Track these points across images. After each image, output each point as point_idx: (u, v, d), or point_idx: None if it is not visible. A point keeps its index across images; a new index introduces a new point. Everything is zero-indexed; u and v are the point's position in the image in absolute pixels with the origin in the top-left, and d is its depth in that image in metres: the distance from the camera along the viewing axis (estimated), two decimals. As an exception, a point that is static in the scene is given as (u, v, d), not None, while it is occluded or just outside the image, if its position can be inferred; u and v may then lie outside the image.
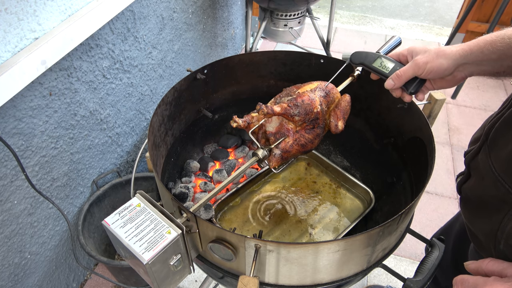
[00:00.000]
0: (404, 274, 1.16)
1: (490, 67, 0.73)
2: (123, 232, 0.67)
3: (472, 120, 2.61)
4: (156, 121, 0.96)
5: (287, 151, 0.86)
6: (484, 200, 0.75)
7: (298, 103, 0.83)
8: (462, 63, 0.75)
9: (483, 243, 0.77)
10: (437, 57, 0.76)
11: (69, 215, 1.49)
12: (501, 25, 2.95)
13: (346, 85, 0.97)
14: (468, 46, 0.74)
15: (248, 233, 1.09)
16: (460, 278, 0.63)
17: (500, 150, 0.69)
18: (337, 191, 1.21)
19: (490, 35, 0.71)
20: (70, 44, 1.15)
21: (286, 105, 0.82)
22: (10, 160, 1.11)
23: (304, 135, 0.86)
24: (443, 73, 0.78)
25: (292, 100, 0.84)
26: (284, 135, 0.85)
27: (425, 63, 0.77)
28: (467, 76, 0.78)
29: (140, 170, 1.91)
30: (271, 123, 0.86)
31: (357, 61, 0.92)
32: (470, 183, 0.81)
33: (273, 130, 0.85)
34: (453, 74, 0.78)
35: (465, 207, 0.85)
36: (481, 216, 0.76)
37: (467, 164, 0.82)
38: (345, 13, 3.87)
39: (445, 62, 0.75)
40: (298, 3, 2.12)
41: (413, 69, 0.79)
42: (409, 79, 0.82)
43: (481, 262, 0.65)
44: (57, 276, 1.51)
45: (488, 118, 0.81)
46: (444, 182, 2.19)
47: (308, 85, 0.92)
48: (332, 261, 0.74)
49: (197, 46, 2.19)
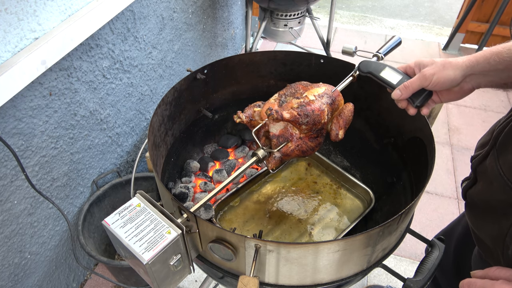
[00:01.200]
0: (404, 274, 1.16)
1: (497, 77, 0.73)
2: (123, 232, 0.67)
3: (472, 120, 2.61)
4: (156, 121, 0.96)
5: (287, 155, 0.86)
6: (491, 205, 0.75)
7: (308, 113, 0.82)
8: (469, 74, 0.75)
9: (490, 248, 0.77)
10: (443, 68, 0.76)
11: (69, 215, 1.49)
12: (501, 25, 2.95)
13: (346, 85, 0.97)
14: (474, 57, 0.74)
15: (248, 233, 1.09)
16: (467, 281, 0.63)
17: (509, 154, 0.69)
18: (338, 192, 1.21)
19: (497, 46, 0.72)
20: (70, 44, 1.15)
21: (296, 113, 0.81)
22: (10, 160, 1.11)
23: (307, 142, 0.86)
24: (450, 84, 0.77)
25: (303, 109, 0.82)
26: (287, 140, 0.85)
27: (432, 74, 0.77)
28: (475, 87, 0.78)
29: (140, 170, 1.91)
30: (275, 125, 0.86)
31: (365, 70, 0.93)
32: (477, 188, 0.81)
33: (276, 132, 0.84)
34: (460, 85, 0.78)
35: (471, 212, 0.85)
36: (489, 221, 0.76)
37: (474, 168, 0.82)
38: (345, 13, 3.87)
39: (452, 73, 0.76)
40: (298, 3, 2.12)
41: (420, 80, 0.79)
42: (416, 91, 0.82)
43: (488, 270, 0.65)
44: (57, 276, 1.51)
45: (496, 123, 0.82)
46: (444, 182, 2.19)
47: (315, 88, 0.89)
48: (332, 261, 0.74)
49: (197, 46, 2.19)
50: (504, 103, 2.75)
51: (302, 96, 0.87)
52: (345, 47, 1.06)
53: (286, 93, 0.90)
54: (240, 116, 0.83)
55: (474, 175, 0.83)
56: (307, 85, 0.92)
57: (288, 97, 0.89)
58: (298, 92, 0.90)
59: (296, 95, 0.89)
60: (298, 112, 0.81)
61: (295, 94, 0.89)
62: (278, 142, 0.84)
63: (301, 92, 0.89)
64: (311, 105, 0.83)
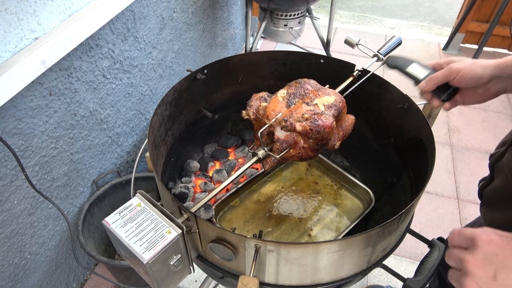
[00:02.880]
0: (404, 274, 1.16)
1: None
2: (123, 232, 0.67)
3: (472, 120, 2.61)
4: (156, 121, 0.96)
5: (285, 158, 0.87)
6: (507, 199, 0.75)
7: (320, 130, 0.82)
8: (498, 76, 0.75)
9: None
10: (472, 65, 0.77)
11: (69, 215, 1.49)
12: (501, 25, 2.95)
13: (346, 85, 0.97)
14: (504, 60, 0.74)
15: (248, 233, 1.09)
16: (457, 230, 0.63)
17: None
18: (338, 192, 1.21)
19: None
20: (70, 44, 1.15)
21: (308, 128, 0.81)
22: (10, 160, 1.11)
23: (308, 152, 0.87)
24: (476, 82, 0.77)
25: (315, 124, 0.82)
26: (290, 146, 0.85)
27: (459, 69, 0.78)
28: (501, 92, 0.78)
29: (140, 170, 1.91)
30: (283, 132, 0.85)
31: (392, 64, 0.94)
32: (493, 185, 0.81)
33: (281, 137, 0.84)
34: (487, 86, 0.78)
35: (487, 210, 0.85)
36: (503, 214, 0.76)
37: (492, 166, 0.83)
38: (345, 13, 3.87)
39: (480, 71, 0.76)
40: (298, 3, 2.12)
41: (446, 74, 0.80)
42: (441, 83, 0.82)
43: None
44: (57, 276, 1.51)
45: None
46: (444, 182, 2.19)
47: (325, 96, 0.88)
48: (332, 261, 0.74)
49: (197, 46, 2.19)
50: (504, 103, 2.75)
51: (312, 102, 0.87)
52: (349, 37, 1.06)
53: (295, 93, 0.89)
54: (249, 114, 0.83)
55: (491, 173, 0.83)
56: (317, 88, 0.90)
57: (297, 99, 0.88)
58: (307, 96, 0.88)
59: (305, 99, 0.88)
60: (311, 127, 0.81)
61: (304, 97, 0.88)
62: (281, 147, 0.85)
63: (311, 97, 0.88)
64: (323, 121, 0.83)
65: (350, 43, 1.06)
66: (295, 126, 0.80)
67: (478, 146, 2.42)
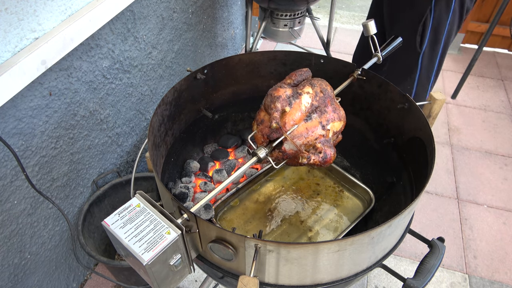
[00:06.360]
0: (404, 274, 1.16)
1: None
2: (123, 233, 0.67)
3: (472, 120, 2.61)
4: (156, 121, 0.96)
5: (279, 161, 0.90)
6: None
7: (326, 161, 0.87)
8: None
9: None
10: None
11: (69, 215, 1.49)
12: (501, 25, 2.95)
13: (346, 86, 0.97)
14: None
15: (248, 233, 1.09)
16: None
17: None
18: (339, 194, 1.21)
19: None
20: (70, 44, 1.15)
21: (318, 162, 0.86)
22: (10, 160, 1.11)
23: (299, 163, 0.89)
24: None
25: (323, 161, 0.86)
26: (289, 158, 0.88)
27: None
28: None
29: (140, 170, 1.91)
30: (291, 145, 0.87)
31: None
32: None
33: (288, 150, 0.86)
34: None
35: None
36: None
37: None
38: (345, 13, 3.87)
39: None
40: (298, 3, 2.12)
41: None
42: None
43: None
44: (57, 276, 1.51)
45: None
46: (444, 182, 2.19)
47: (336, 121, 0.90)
48: (332, 261, 0.74)
49: (197, 46, 2.19)
50: (504, 103, 2.75)
51: (326, 126, 0.88)
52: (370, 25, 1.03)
53: (317, 107, 0.88)
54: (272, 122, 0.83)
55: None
56: (332, 102, 0.90)
57: (316, 115, 0.88)
58: (324, 115, 0.88)
59: (322, 118, 0.88)
60: (319, 162, 0.86)
61: (321, 116, 0.88)
62: (282, 157, 0.87)
63: (327, 118, 0.88)
64: (330, 157, 0.87)
65: (368, 29, 1.04)
66: (310, 159, 0.85)
67: (478, 146, 2.42)
